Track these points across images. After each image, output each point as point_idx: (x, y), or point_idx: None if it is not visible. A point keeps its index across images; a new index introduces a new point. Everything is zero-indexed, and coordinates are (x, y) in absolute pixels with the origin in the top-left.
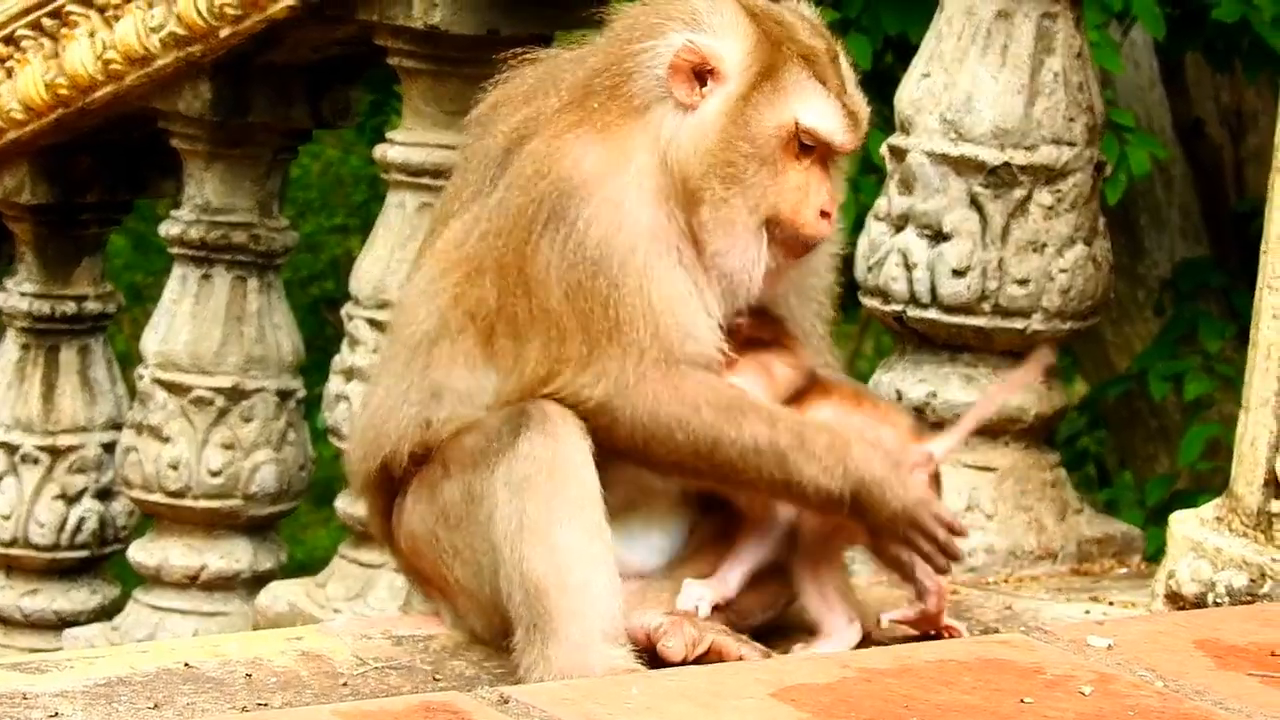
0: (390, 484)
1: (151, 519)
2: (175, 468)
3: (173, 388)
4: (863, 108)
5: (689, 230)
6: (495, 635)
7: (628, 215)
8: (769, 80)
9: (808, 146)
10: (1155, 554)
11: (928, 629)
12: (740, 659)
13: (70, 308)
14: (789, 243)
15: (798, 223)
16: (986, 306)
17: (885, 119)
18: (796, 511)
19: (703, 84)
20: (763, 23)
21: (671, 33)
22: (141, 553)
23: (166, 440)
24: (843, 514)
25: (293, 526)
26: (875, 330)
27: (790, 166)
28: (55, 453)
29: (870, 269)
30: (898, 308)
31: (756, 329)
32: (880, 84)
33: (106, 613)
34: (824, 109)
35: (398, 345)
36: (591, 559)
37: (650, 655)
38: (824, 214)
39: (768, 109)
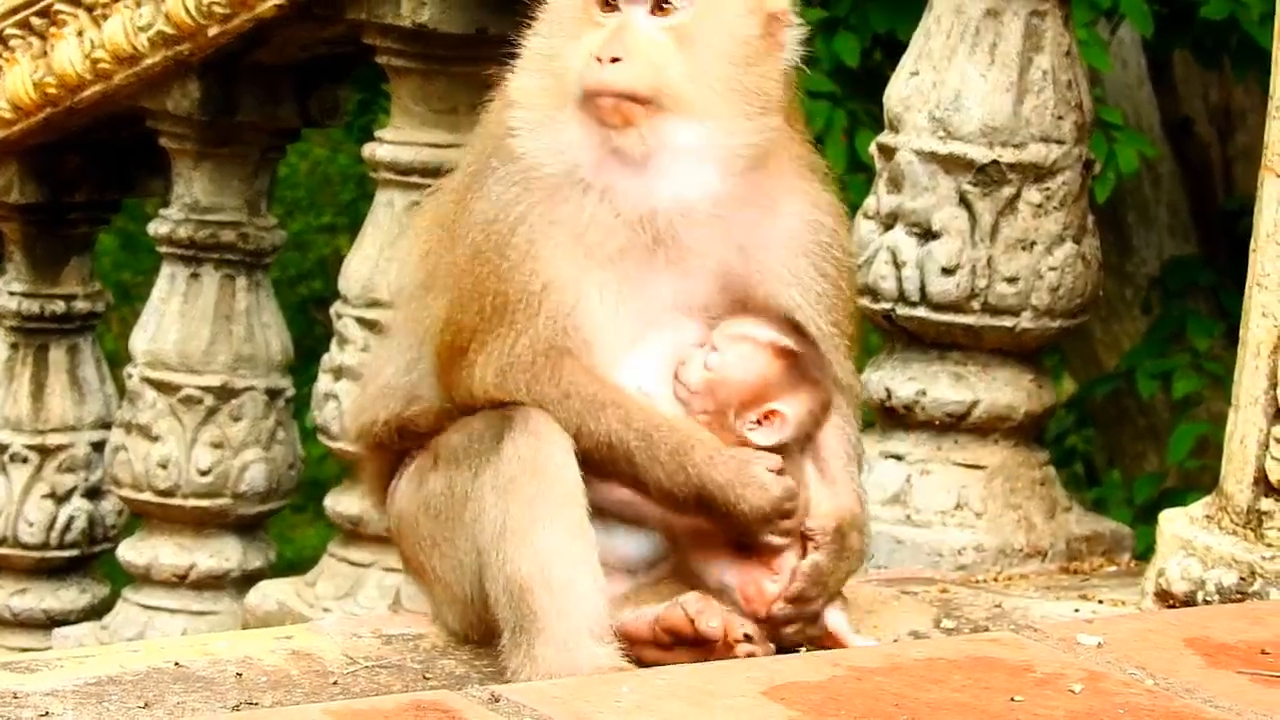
0: (384, 450)
1: (141, 518)
2: (164, 466)
3: (162, 386)
4: None
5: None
6: (469, 631)
7: (526, 186)
8: None
9: (606, 3)
10: (1144, 552)
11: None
12: (744, 638)
13: (59, 307)
14: (591, 110)
15: (578, 78)
16: (976, 305)
17: (874, 117)
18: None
19: None
20: None
21: None
22: (131, 552)
23: (156, 439)
24: (695, 515)
25: (281, 525)
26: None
27: (591, 29)
28: (44, 452)
29: (859, 267)
30: (887, 306)
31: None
32: (869, 82)
33: (96, 612)
34: None
35: (398, 295)
36: (574, 558)
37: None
38: (599, 59)
39: None
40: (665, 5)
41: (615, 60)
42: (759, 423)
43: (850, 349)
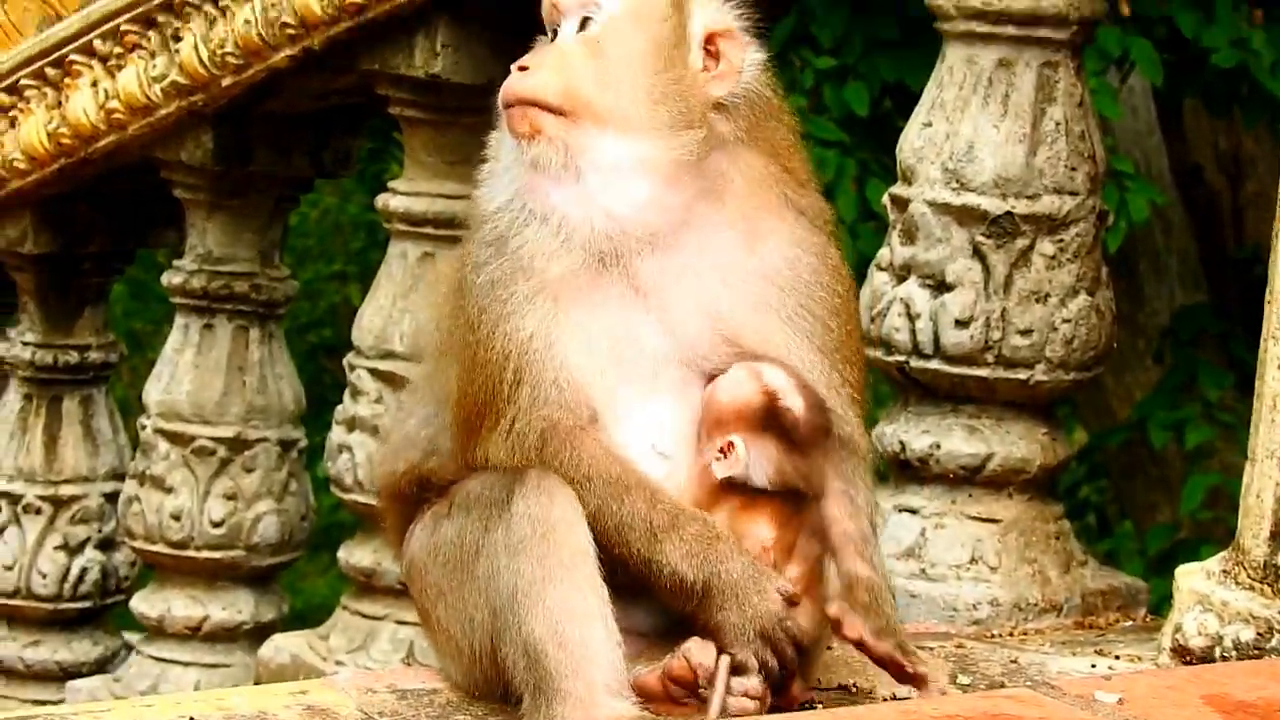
0: (405, 500)
1: (153, 569)
2: (177, 518)
3: (175, 438)
4: None
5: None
6: (473, 687)
7: (498, 248)
8: None
9: (554, 32)
10: (1159, 605)
11: None
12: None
13: (73, 357)
14: (507, 123)
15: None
16: (990, 357)
17: (885, 167)
18: None
19: None
20: None
21: None
22: (144, 603)
23: (169, 491)
24: (693, 606)
25: (291, 576)
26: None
27: None
28: (58, 503)
29: (873, 319)
30: (900, 358)
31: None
32: (879, 131)
33: (109, 664)
34: None
35: (423, 350)
36: (587, 615)
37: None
38: (520, 68)
39: None
40: (587, 20)
41: (523, 69)
42: (722, 453)
43: (857, 401)
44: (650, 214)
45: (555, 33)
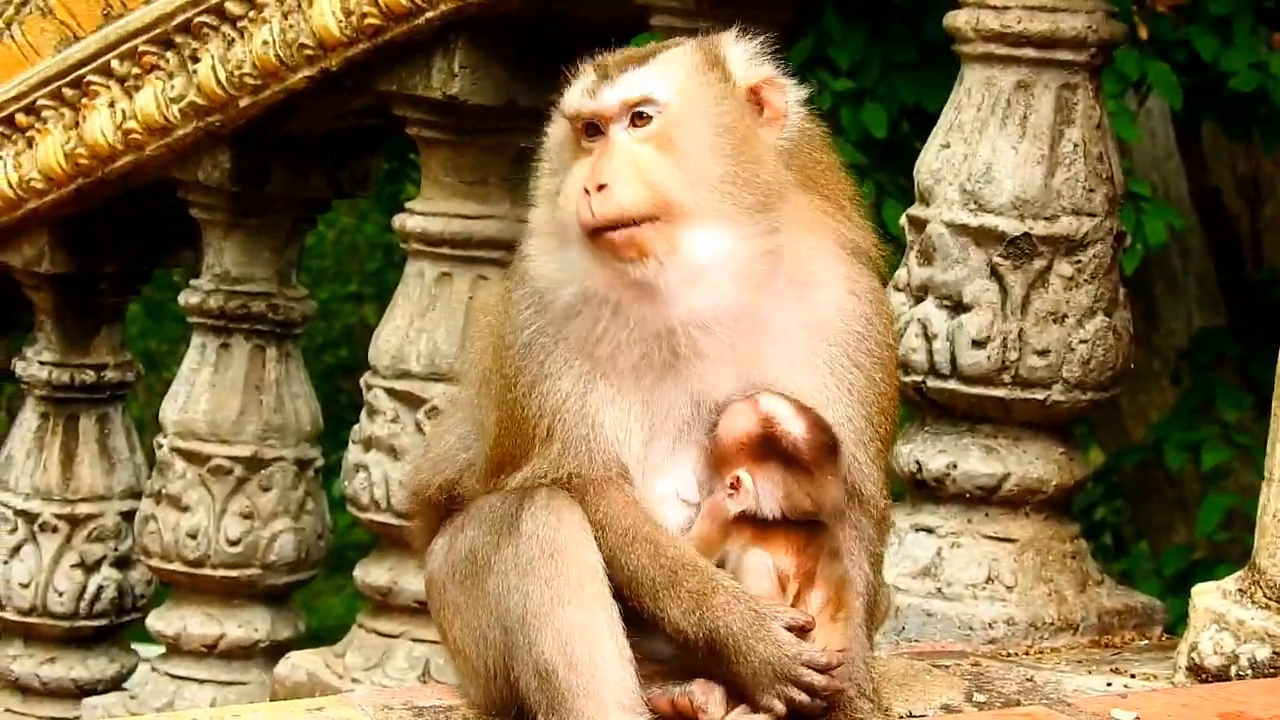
0: (435, 510)
1: (170, 587)
2: (194, 537)
3: (191, 457)
4: (631, 71)
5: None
6: (491, 707)
7: (537, 298)
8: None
9: (589, 128)
10: (1175, 625)
11: None
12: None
13: (89, 376)
14: (603, 245)
15: (575, 213)
16: (1007, 377)
17: (901, 188)
18: None
19: None
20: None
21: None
22: (160, 621)
23: (185, 509)
24: (702, 659)
25: (305, 594)
26: None
27: (581, 158)
28: (74, 521)
29: None
30: (918, 378)
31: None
32: (897, 153)
33: (124, 681)
34: (575, 87)
35: (464, 373)
36: (596, 634)
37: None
38: (587, 190)
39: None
40: (641, 116)
41: (602, 188)
42: (732, 488)
43: (881, 454)
44: (727, 300)
45: (586, 128)
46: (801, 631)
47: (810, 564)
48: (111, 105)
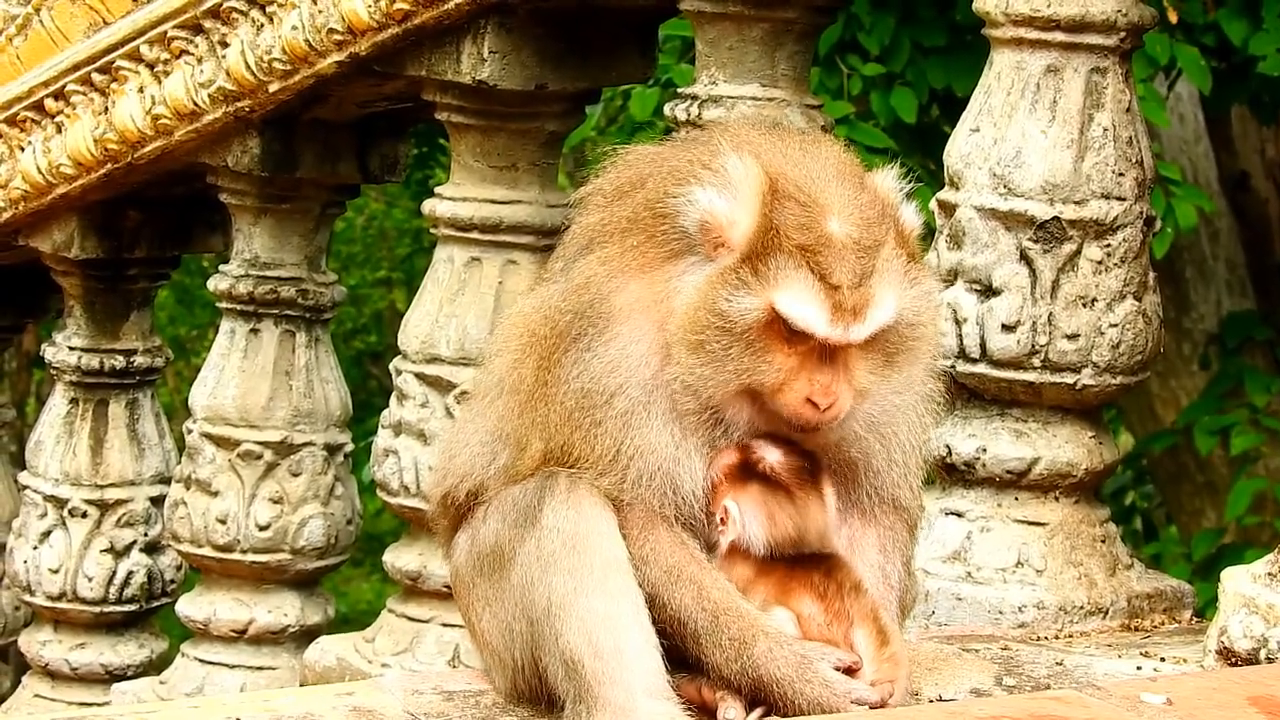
0: (457, 510)
1: (199, 573)
2: (223, 522)
3: (221, 442)
4: (871, 301)
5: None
6: (519, 697)
7: (626, 357)
8: (752, 264)
9: (798, 333)
10: (1204, 609)
11: None
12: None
13: (119, 361)
14: (781, 420)
15: (778, 405)
16: (1036, 361)
17: (931, 173)
18: None
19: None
20: (779, 203)
21: (700, 187)
22: (190, 606)
23: (215, 494)
24: (750, 694)
25: (335, 579)
26: None
27: (777, 349)
28: (104, 506)
29: None
30: (947, 363)
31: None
32: (926, 137)
33: (155, 666)
34: (806, 300)
35: (481, 382)
36: (621, 622)
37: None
38: (814, 403)
39: (743, 290)
40: (873, 338)
41: (815, 404)
42: (722, 522)
43: (920, 465)
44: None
45: (795, 333)
46: (849, 672)
47: (838, 604)
48: (141, 90)
